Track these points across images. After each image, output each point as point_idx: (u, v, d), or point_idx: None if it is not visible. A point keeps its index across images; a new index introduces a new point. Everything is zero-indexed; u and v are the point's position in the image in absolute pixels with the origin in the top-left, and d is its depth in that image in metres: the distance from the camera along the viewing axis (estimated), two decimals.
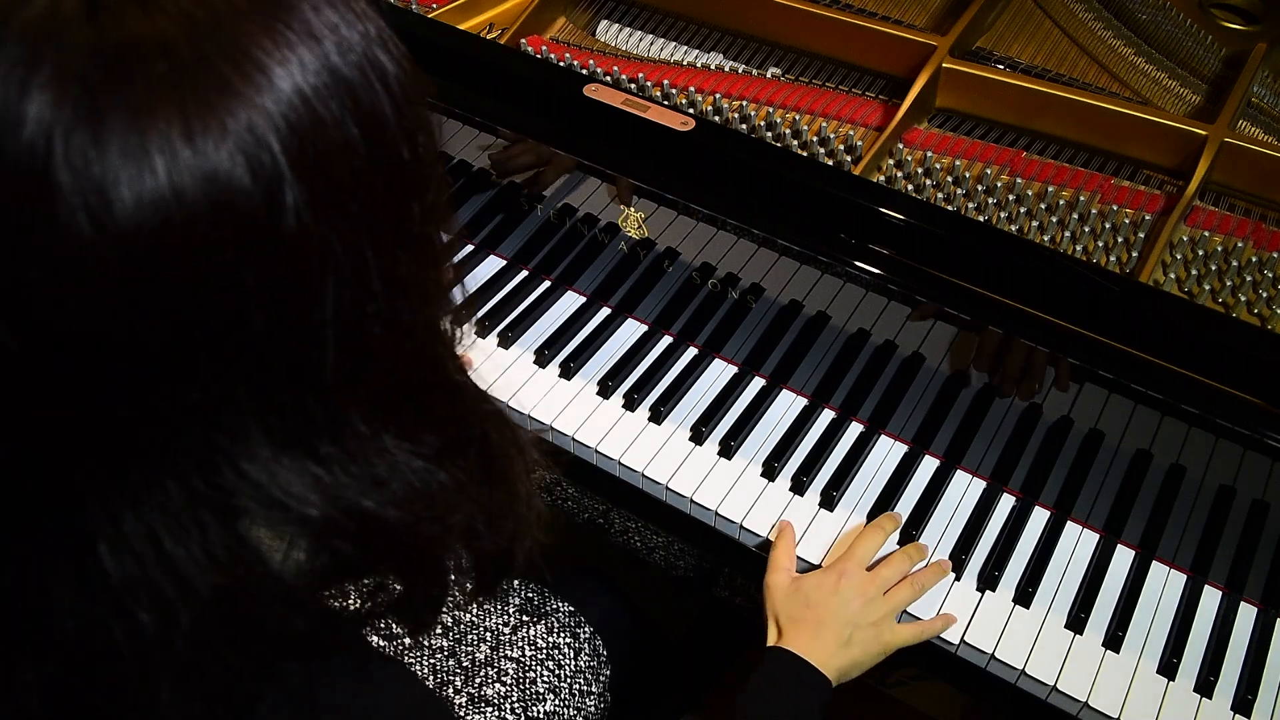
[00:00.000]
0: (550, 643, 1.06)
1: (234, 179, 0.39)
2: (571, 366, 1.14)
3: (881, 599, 0.93)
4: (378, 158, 0.44)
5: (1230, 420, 0.86)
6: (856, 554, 0.95)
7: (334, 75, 0.43)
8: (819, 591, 0.92)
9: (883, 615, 0.92)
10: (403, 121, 0.46)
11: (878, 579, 0.94)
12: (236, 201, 0.40)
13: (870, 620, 0.91)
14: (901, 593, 0.94)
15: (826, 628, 0.90)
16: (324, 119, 0.42)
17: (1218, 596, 0.96)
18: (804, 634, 0.90)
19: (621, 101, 1.06)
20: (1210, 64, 1.19)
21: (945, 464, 1.07)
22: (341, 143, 0.43)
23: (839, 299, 1.02)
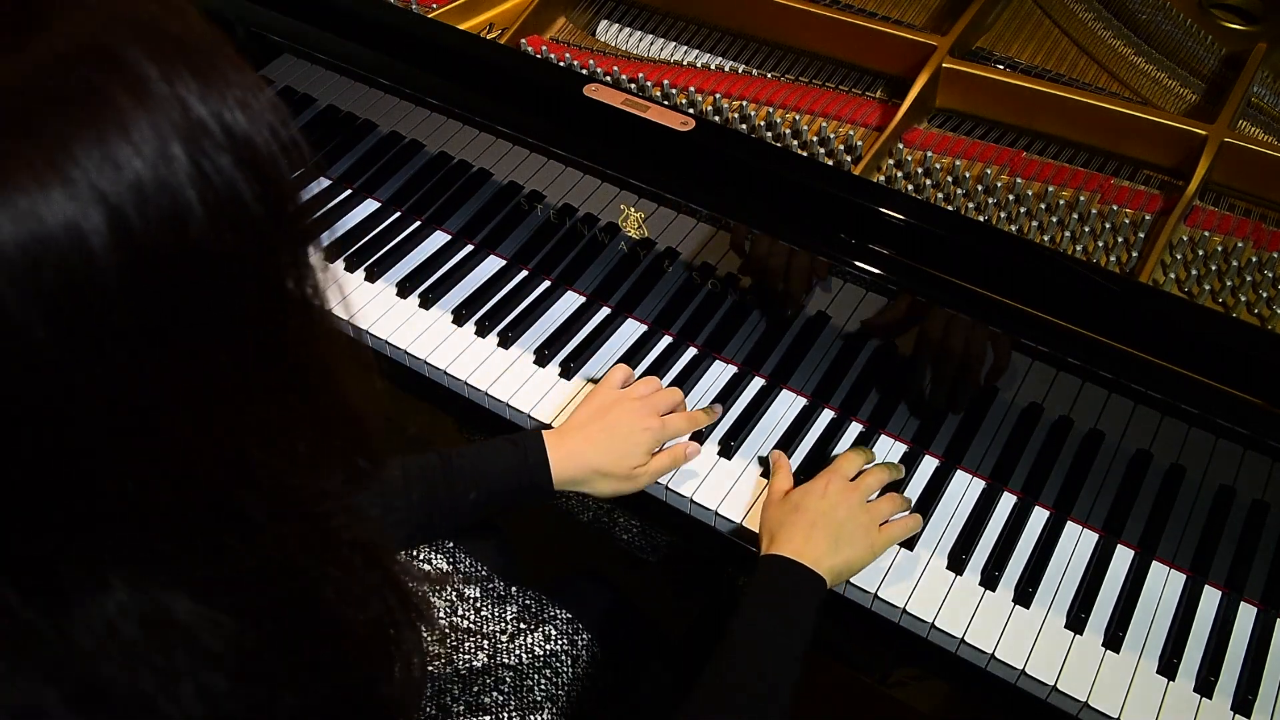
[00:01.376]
0: (548, 650, 1.06)
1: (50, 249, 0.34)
2: (571, 366, 1.14)
3: (866, 505, 0.97)
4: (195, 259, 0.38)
5: (1230, 420, 0.86)
6: (840, 467, 0.99)
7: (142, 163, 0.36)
8: (808, 496, 0.95)
9: (869, 519, 0.95)
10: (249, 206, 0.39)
11: (861, 486, 0.98)
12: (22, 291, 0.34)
13: (856, 521, 0.94)
14: (883, 504, 0.98)
15: (817, 529, 0.92)
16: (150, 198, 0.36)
17: (1218, 596, 0.96)
18: (796, 536, 0.92)
19: (621, 101, 1.06)
20: (1210, 64, 1.19)
21: (945, 464, 1.07)
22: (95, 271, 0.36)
23: (839, 299, 1.02)
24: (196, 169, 0.37)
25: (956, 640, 0.94)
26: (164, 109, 0.37)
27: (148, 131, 0.36)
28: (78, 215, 0.35)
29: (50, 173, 0.34)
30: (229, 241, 0.39)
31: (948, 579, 0.98)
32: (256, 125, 0.40)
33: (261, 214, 0.40)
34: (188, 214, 0.37)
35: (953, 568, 0.99)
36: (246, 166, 0.39)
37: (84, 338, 0.36)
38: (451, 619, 1.07)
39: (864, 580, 0.97)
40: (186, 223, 0.37)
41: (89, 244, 0.35)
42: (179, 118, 0.37)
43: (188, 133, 0.37)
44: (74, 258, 0.35)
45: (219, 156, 0.38)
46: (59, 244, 0.34)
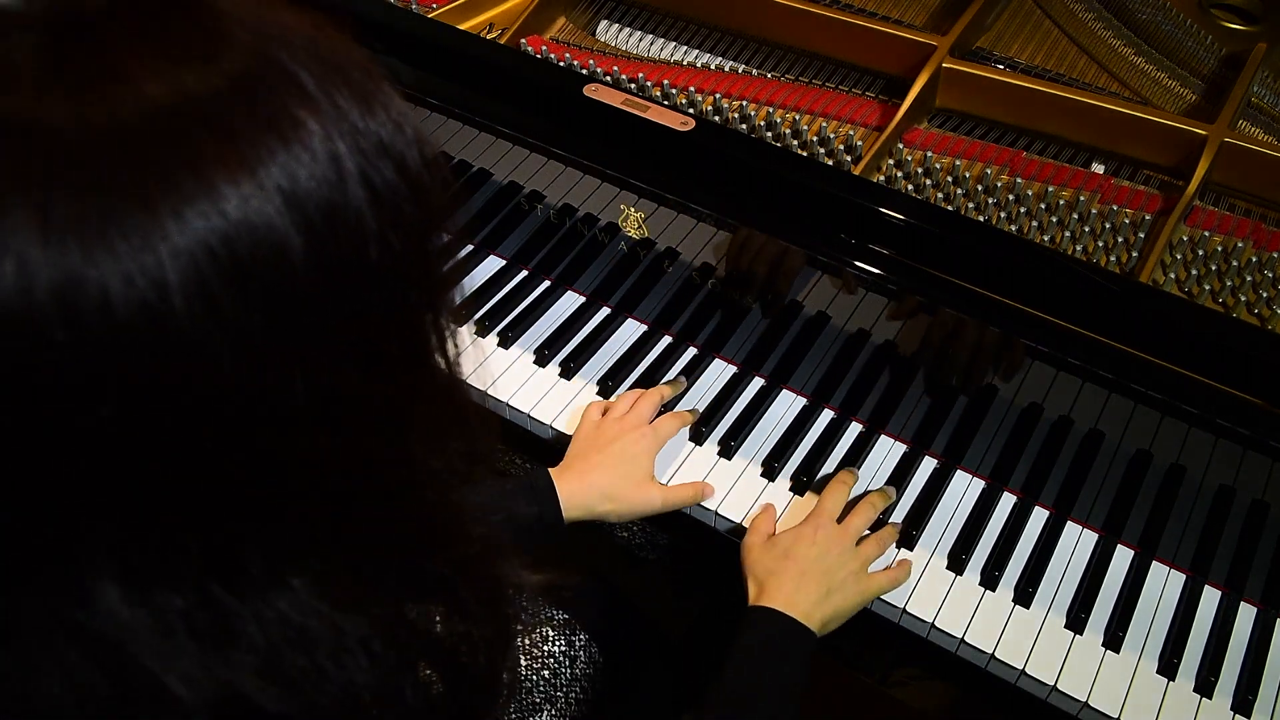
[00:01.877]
0: (545, 651, 1.06)
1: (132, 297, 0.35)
2: (571, 366, 1.14)
3: (855, 550, 0.95)
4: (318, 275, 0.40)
5: (1230, 420, 0.86)
6: (826, 507, 0.98)
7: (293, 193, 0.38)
8: (797, 543, 0.93)
9: (859, 564, 0.94)
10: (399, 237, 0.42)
11: (849, 529, 0.96)
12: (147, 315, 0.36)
13: (848, 570, 0.93)
14: (870, 547, 0.96)
15: (808, 578, 0.91)
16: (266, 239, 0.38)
17: (1217, 596, 0.96)
18: (785, 585, 0.90)
19: (621, 101, 1.06)
20: (1210, 64, 1.19)
21: (945, 464, 1.07)
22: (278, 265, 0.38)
23: (839, 299, 1.02)
24: (366, 181, 0.40)
25: (956, 640, 0.94)
26: (335, 125, 0.40)
27: (324, 144, 0.39)
28: (274, 221, 0.37)
29: (249, 180, 0.37)
30: (395, 250, 0.42)
31: (948, 579, 0.98)
32: (408, 144, 0.42)
33: (418, 225, 0.43)
34: (365, 224, 0.40)
35: (953, 568, 0.99)
36: (405, 180, 0.42)
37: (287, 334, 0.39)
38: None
39: None
40: (364, 232, 0.40)
41: (286, 248, 0.38)
42: (348, 134, 0.40)
43: (355, 146, 0.40)
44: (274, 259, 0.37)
45: (384, 170, 0.41)
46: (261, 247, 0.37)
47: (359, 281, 0.41)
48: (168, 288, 0.35)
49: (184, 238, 0.36)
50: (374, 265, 0.41)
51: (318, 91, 0.40)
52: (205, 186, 0.36)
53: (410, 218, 0.42)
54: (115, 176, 0.35)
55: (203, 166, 0.36)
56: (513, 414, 1.12)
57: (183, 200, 0.36)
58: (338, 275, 0.40)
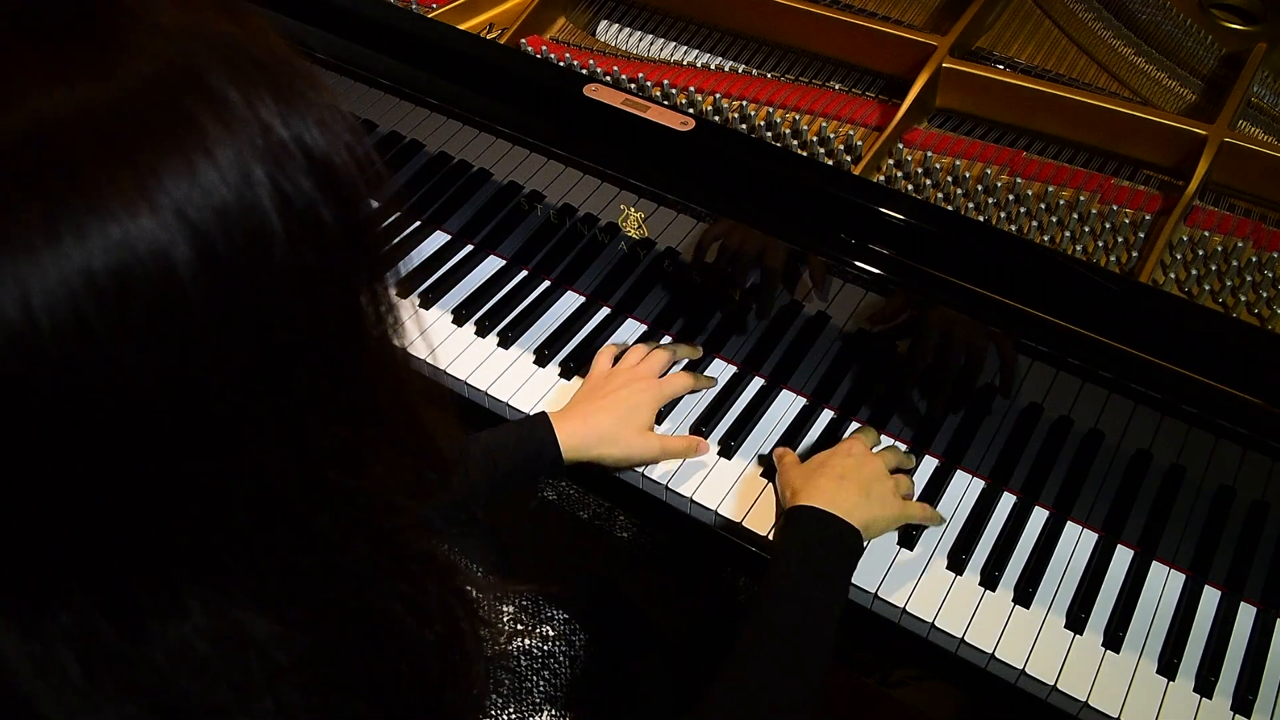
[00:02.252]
0: (546, 651, 1.06)
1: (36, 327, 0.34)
2: (571, 366, 1.14)
3: (887, 474, 0.97)
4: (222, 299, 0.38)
5: (1230, 420, 0.86)
6: (856, 438, 1.01)
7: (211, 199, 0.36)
8: (832, 455, 0.96)
9: (891, 487, 0.96)
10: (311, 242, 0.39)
11: (883, 456, 0.99)
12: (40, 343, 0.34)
13: (881, 479, 0.94)
14: (903, 479, 0.99)
15: (847, 480, 0.91)
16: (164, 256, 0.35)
17: (1217, 596, 0.96)
18: (825, 486, 0.90)
19: (621, 101, 1.06)
20: (1210, 64, 1.19)
21: (945, 464, 1.07)
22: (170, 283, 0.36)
23: (839, 299, 1.02)
24: (277, 190, 0.38)
25: (956, 640, 0.94)
26: (247, 132, 0.37)
27: (231, 155, 0.37)
28: (165, 242, 0.35)
29: (140, 199, 0.35)
30: (309, 261, 0.39)
31: (948, 579, 0.98)
32: (335, 145, 0.40)
33: (340, 234, 0.40)
34: (270, 235, 0.38)
35: (953, 568, 0.99)
36: (325, 187, 0.39)
37: (168, 360, 0.36)
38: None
39: (864, 580, 0.97)
40: (269, 244, 0.38)
41: (176, 269, 0.35)
42: (261, 140, 0.38)
43: (269, 155, 0.38)
44: (161, 283, 0.35)
45: (299, 178, 0.38)
46: (147, 269, 0.35)
47: (263, 297, 0.38)
48: (33, 312, 0.33)
49: (59, 261, 0.34)
50: (282, 278, 0.38)
51: (232, 96, 0.37)
52: (88, 208, 0.34)
53: (331, 224, 0.40)
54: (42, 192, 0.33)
55: (88, 187, 0.34)
56: (513, 414, 1.12)
57: (62, 222, 0.34)
58: (237, 293, 0.37)
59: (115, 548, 0.40)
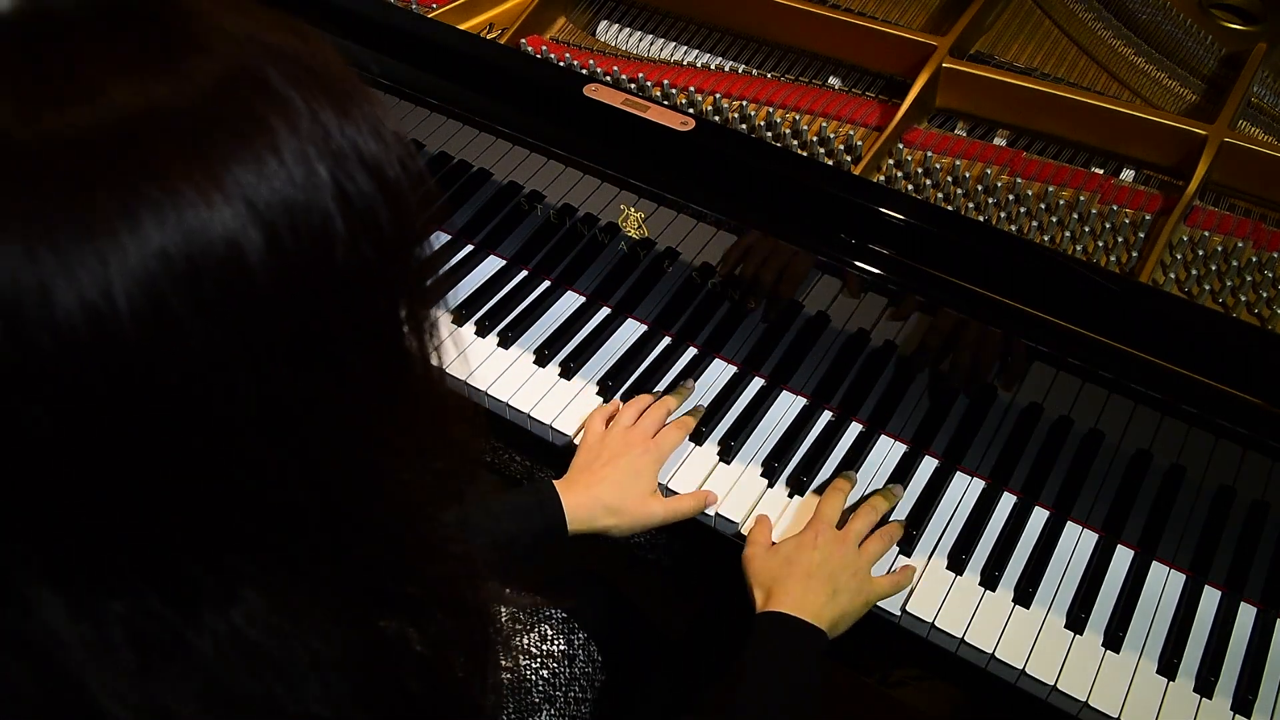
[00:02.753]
0: (544, 650, 1.06)
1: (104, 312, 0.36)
2: (571, 366, 1.14)
3: (858, 551, 0.95)
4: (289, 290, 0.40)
5: (1230, 420, 0.86)
6: (824, 514, 0.98)
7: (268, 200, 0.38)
8: (799, 549, 0.94)
9: (862, 565, 0.94)
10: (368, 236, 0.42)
11: (850, 533, 0.96)
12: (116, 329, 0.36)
13: (851, 571, 0.93)
14: (874, 545, 0.96)
15: (814, 579, 0.91)
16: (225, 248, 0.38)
17: (1217, 596, 0.96)
18: (793, 590, 0.91)
19: (621, 101, 1.06)
20: (1210, 64, 1.19)
21: (945, 464, 1.07)
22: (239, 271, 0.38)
23: (839, 299, 1.02)
24: (340, 190, 0.40)
25: (956, 640, 0.94)
26: (310, 133, 0.39)
27: (296, 153, 0.39)
28: (236, 230, 0.37)
29: (213, 189, 0.37)
30: (367, 259, 0.41)
31: (948, 579, 0.98)
32: (388, 153, 0.42)
33: (394, 234, 0.42)
34: (332, 231, 0.40)
35: (953, 568, 0.99)
36: (382, 189, 0.41)
37: (238, 343, 0.38)
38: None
39: None
40: (331, 239, 0.40)
41: (246, 256, 0.37)
42: (322, 142, 0.40)
43: (331, 156, 0.40)
44: (232, 267, 0.37)
45: (360, 180, 0.41)
46: (219, 254, 0.37)
47: (323, 291, 0.40)
48: (113, 295, 0.35)
49: (138, 246, 0.35)
50: (342, 275, 0.40)
51: (295, 100, 0.39)
52: (165, 196, 0.36)
53: (387, 227, 0.42)
54: (66, 184, 0.35)
55: (164, 176, 0.36)
56: (513, 414, 1.12)
57: (140, 209, 0.36)
58: (301, 284, 0.39)
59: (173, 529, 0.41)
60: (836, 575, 0.92)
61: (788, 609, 0.89)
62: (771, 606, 0.90)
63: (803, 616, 0.89)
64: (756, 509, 1.03)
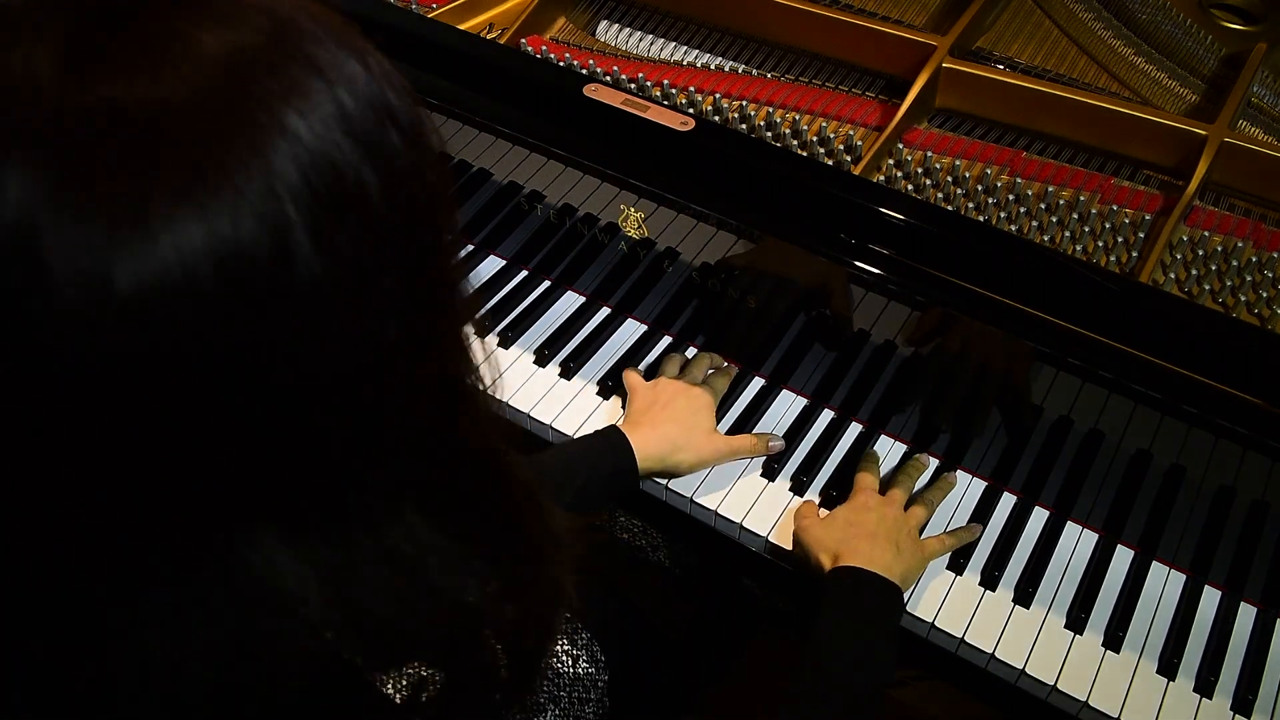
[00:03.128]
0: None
1: (245, 245, 0.37)
2: (571, 366, 1.14)
3: (904, 514, 0.97)
4: (393, 200, 0.42)
5: (1230, 420, 0.86)
6: (866, 482, 1.01)
7: (346, 120, 0.41)
8: (855, 512, 0.97)
9: (913, 525, 0.97)
10: (414, 160, 0.44)
11: (894, 498, 0.99)
12: (249, 268, 0.37)
13: (906, 530, 0.95)
14: (918, 512, 0.99)
15: (878, 539, 0.93)
16: (339, 166, 0.40)
17: (1217, 596, 0.96)
18: (861, 547, 0.92)
19: (621, 101, 1.06)
20: (1210, 64, 1.19)
21: (945, 464, 1.07)
22: (356, 188, 0.41)
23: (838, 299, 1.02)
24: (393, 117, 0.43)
25: (956, 640, 0.94)
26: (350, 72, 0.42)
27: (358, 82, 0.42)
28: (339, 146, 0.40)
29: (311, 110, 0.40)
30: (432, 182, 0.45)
31: (948, 579, 0.98)
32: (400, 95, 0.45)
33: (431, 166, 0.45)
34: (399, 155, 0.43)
35: (953, 568, 0.99)
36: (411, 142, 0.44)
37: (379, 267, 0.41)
38: None
39: None
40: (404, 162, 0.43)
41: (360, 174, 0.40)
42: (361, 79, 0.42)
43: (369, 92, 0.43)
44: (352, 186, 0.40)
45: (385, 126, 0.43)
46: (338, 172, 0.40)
47: (421, 213, 0.44)
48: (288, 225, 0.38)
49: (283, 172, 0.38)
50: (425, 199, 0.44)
51: (333, 45, 0.42)
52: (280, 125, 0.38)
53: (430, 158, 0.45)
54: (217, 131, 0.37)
55: (274, 106, 0.39)
56: (513, 414, 1.12)
57: (268, 139, 0.38)
58: (406, 205, 0.43)
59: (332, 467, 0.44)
60: (895, 534, 0.94)
61: (860, 564, 0.91)
62: (842, 564, 0.91)
63: (876, 570, 0.90)
64: (757, 508, 1.03)
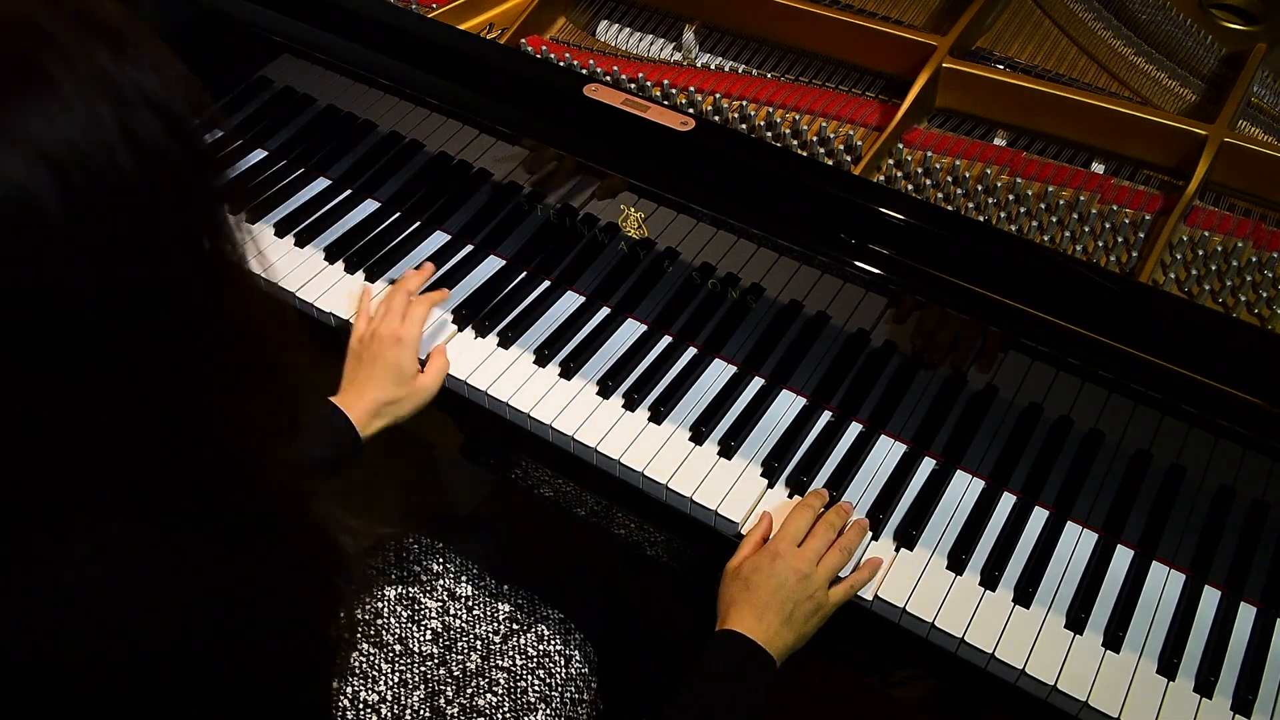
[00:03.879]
0: (541, 651, 1.06)
1: None
2: (571, 366, 1.14)
3: (815, 571, 0.95)
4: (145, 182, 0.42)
5: (1230, 420, 0.86)
6: (788, 532, 0.98)
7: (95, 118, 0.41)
8: (756, 574, 0.95)
9: (817, 586, 0.95)
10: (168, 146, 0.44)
11: (808, 552, 0.96)
12: None
13: (807, 594, 0.94)
14: (832, 559, 0.97)
15: (769, 609, 0.93)
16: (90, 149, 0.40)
17: (1217, 596, 0.96)
18: (748, 616, 0.93)
19: (621, 101, 1.06)
20: (1210, 64, 1.19)
21: (945, 464, 1.07)
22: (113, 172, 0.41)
23: (839, 299, 1.02)
24: (124, 128, 0.42)
25: (956, 640, 0.94)
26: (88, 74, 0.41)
27: (76, 94, 0.40)
28: (25, 175, 0.39)
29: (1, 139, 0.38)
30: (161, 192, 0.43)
31: (948, 579, 0.98)
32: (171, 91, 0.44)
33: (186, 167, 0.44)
34: (123, 168, 0.42)
35: (953, 568, 0.99)
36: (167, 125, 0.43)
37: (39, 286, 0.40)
38: (443, 618, 1.07)
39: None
40: (123, 176, 0.42)
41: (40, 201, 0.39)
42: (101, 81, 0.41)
43: (112, 96, 0.42)
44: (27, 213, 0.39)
45: (144, 116, 0.42)
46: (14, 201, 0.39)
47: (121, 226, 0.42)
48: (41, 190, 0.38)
49: None
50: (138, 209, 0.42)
51: (71, 44, 0.41)
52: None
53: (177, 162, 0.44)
54: None
55: None
56: (513, 414, 1.12)
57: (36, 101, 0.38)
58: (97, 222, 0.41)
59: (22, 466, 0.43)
60: (789, 601, 0.93)
61: (741, 630, 0.91)
62: (728, 627, 0.92)
63: (754, 639, 0.90)
64: (757, 508, 1.03)
